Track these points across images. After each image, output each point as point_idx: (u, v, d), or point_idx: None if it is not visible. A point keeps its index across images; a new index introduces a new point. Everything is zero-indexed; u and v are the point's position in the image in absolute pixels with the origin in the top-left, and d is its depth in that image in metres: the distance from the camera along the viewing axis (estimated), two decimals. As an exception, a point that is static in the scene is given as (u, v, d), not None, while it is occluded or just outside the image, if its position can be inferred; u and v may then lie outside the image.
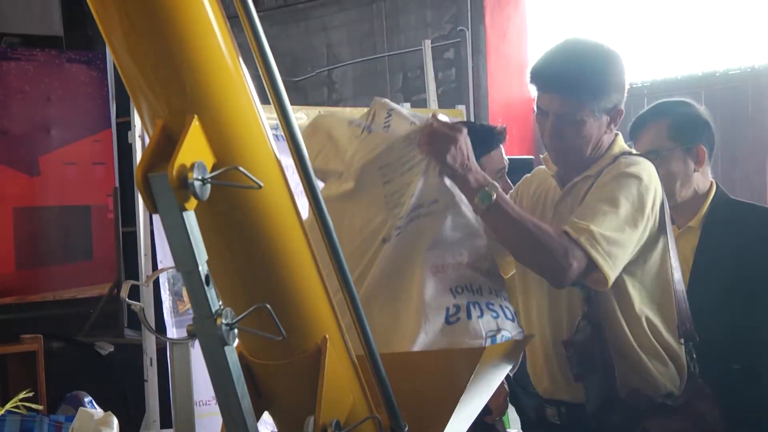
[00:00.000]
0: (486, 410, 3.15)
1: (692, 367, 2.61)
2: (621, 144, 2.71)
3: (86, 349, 7.20)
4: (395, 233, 2.37)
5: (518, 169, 7.10)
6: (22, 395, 4.56)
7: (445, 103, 7.97)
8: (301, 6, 10.21)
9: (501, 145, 3.31)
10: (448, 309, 2.34)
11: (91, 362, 7.09)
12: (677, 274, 2.63)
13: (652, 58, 8.22)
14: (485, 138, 3.23)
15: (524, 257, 2.57)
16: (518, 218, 2.43)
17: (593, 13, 8.68)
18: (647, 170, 2.59)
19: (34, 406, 4.85)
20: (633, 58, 8.17)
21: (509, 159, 6.30)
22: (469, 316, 2.33)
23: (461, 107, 7.06)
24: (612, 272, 2.46)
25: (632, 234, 2.51)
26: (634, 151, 2.69)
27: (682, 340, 2.62)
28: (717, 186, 3.00)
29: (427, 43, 7.37)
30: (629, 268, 2.58)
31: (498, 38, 9.07)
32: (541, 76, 2.68)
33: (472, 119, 8.61)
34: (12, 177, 7.67)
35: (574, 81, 2.62)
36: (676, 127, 2.95)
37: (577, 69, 2.64)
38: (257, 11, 1.61)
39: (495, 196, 2.36)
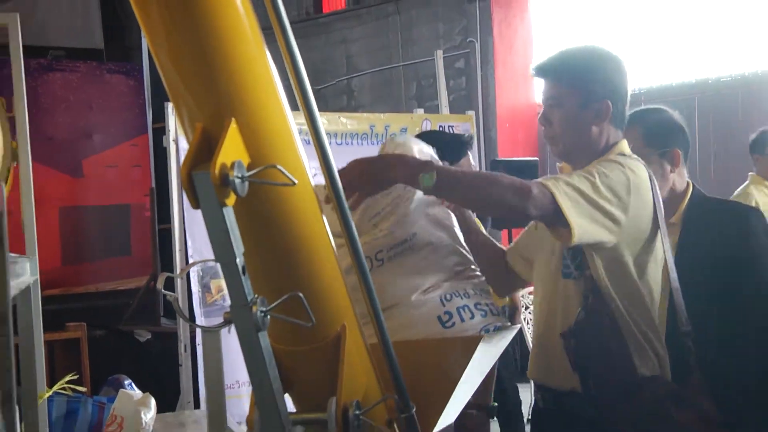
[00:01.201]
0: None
1: (692, 360, 2.55)
2: (622, 147, 2.61)
3: (126, 336, 7.24)
4: (377, 264, 2.38)
5: (524, 169, 7.16)
6: (67, 378, 4.58)
7: (455, 109, 7.98)
8: (322, 20, 10.23)
9: (469, 153, 3.28)
10: (440, 317, 2.35)
11: (131, 348, 7.13)
12: (673, 274, 2.58)
13: (648, 67, 8.21)
14: (454, 147, 3.22)
15: (486, 204, 2.40)
16: (464, 177, 2.32)
17: (595, 25, 8.67)
18: (636, 167, 2.49)
19: (78, 388, 4.87)
20: (632, 66, 8.16)
21: (516, 160, 6.31)
22: (462, 319, 2.35)
23: (471, 113, 7.05)
24: (574, 218, 2.27)
25: (601, 199, 2.34)
26: (634, 156, 2.58)
27: (684, 336, 2.52)
28: (693, 185, 3.01)
29: (439, 53, 7.36)
30: (617, 265, 2.46)
31: (505, 49, 9.08)
32: (536, 65, 2.67)
33: (481, 124, 8.62)
34: (57, 179, 7.71)
35: (557, 66, 2.61)
36: (650, 133, 2.95)
37: (563, 58, 2.63)
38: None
39: (435, 176, 2.19)
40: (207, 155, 1.40)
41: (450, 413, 2.22)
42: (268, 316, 1.52)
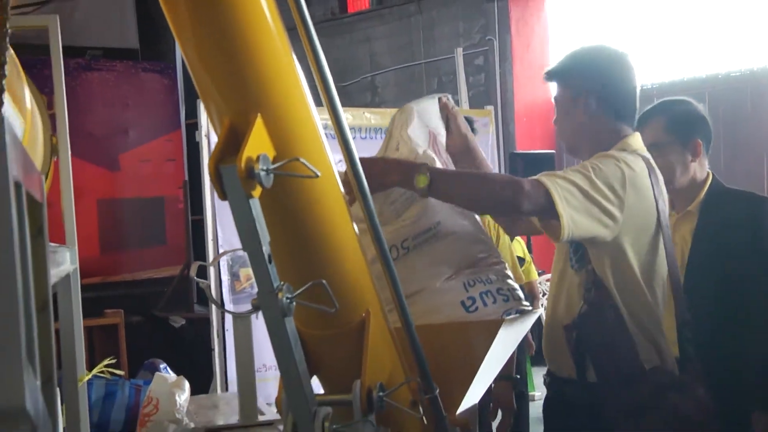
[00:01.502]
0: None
1: (689, 350, 2.49)
2: (628, 142, 2.53)
3: (161, 322, 7.29)
4: (402, 252, 2.35)
5: (541, 161, 7.15)
6: (106, 362, 4.62)
7: (475, 103, 7.96)
8: (346, 19, 10.22)
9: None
10: (463, 302, 2.31)
11: (166, 334, 7.18)
12: (672, 263, 2.53)
13: (661, 62, 8.17)
14: None
15: (480, 201, 2.31)
16: (458, 176, 2.28)
17: (608, 22, 8.63)
18: (633, 162, 2.40)
19: (116, 371, 4.92)
20: (645, 62, 8.17)
21: (533, 153, 6.31)
22: (485, 304, 2.31)
23: (490, 107, 7.03)
24: (565, 210, 2.21)
25: (597, 194, 2.29)
26: (638, 151, 2.51)
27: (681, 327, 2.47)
28: (713, 175, 2.99)
29: (459, 51, 7.35)
30: (620, 261, 2.40)
31: (522, 47, 9.05)
32: (545, 70, 2.65)
33: (500, 119, 8.60)
34: (96, 173, 7.76)
35: (557, 68, 2.61)
36: (672, 123, 2.94)
37: (563, 60, 2.62)
38: (307, 24, 1.63)
39: (429, 174, 2.16)
40: (234, 149, 1.40)
41: (473, 394, 2.22)
42: (294, 302, 1.52)
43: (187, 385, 2.98)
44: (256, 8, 1.45)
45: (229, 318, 5.03)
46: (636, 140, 2.56)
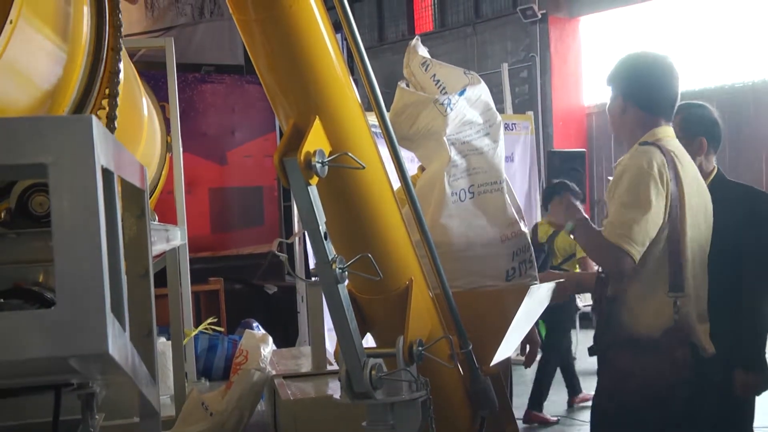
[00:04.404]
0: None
1: (676, 315, 2.36)
2: (654, 133, 2.44)
3: (258, 289, 7.36)
4: (468, 195, 2.21)
5: (574, 158, 7.01)
6: (209, 320, 4.70)
7: (519, 109, 7.90)
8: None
9: None
10: (507, 272, 2.25)
11: (262, 298, 7.26)
12: (675, 237, 2.43)
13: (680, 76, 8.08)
14: None
15: (596, 260, 2.55)
16: (586, 236, 2.39)
17: (633, 43, 8.51)
18: (646, 157, 2.33)
19: (218, 328, 5.00)
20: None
21: (567, 151, 6.17)
22: (520, 274, 2.25)
23: (530, 113, 6.96)
24: (637, 251, 2.26)
25: (647, 214, 2.27)
26: (661, 140, 2.42)
27: (671, 294, 2.35)
28: (718, 169, 2.90)
29: (505, 66, 7.27)
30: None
31: (560, 62, 8.95)
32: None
33: (540, 122, 8.52)
34: (207, 166, 7.85)
35: (608, 75, 2.57)
36: (685, 122, 2.86)
37: (612, 67, 2.56)
38: (383, 44, 1.64)
39: (576, 224, 2.39)
40: (296, 145, 1.41)
41: (505, 349, 2.19)
42: (346, 272, 1.52)
43: (270, 340, 3.01)
44: (316, 35, 1.46)
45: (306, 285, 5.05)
46: (662, 131, 2.47)
